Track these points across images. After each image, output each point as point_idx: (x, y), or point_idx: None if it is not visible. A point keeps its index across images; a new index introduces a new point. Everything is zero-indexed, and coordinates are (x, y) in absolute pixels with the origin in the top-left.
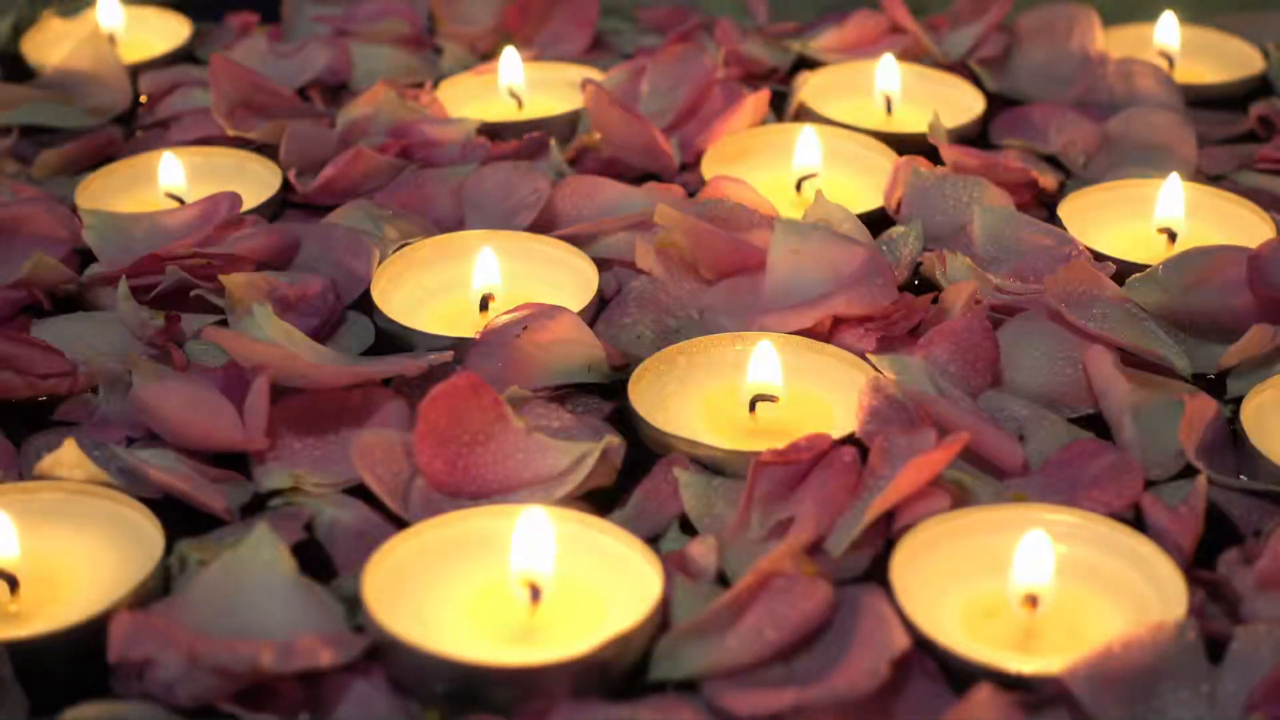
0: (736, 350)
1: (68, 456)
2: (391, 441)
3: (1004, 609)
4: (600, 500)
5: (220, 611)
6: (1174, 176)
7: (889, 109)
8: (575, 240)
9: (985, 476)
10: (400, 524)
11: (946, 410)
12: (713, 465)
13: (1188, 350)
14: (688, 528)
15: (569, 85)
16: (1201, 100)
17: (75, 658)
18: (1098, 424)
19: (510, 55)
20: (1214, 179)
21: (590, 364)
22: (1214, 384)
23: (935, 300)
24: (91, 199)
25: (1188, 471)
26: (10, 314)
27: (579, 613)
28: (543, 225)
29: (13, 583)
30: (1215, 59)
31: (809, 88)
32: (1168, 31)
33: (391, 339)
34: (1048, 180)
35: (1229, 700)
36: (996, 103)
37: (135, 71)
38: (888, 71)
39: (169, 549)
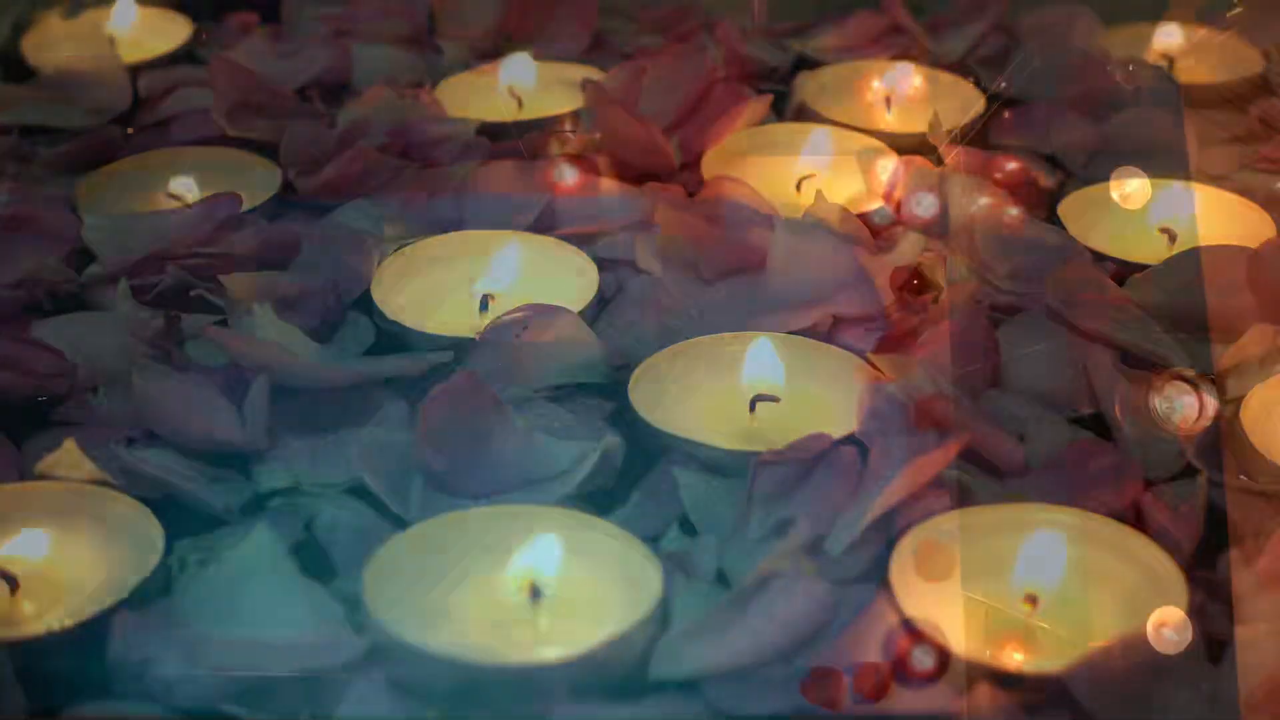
0: (736, 350)
1: (68, 456)
2: (391, 441)
3: (1004, 609)
4: (600, 500)
5: (220, 611)
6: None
7: (889, 109)
8: (575, 240)
9: (985, 476)
10: (400, 524)
11: (946, 410)
12: (713, 465)
13: (1188, 350)
14: (688, 528)
15: (569, 85)
16: (1201, 100)
17: (75, 658)
18: (1098, 424)
19: (518, 58)
20: (1214, 179)
21: (590, 364)
22: (1214, 384)
23: (935, 300)
24: (91, 199)
25: (1188, 471)
26: (10, 314)
27: (579, 613)
28: (543, 225)
29: (13, 583)
30: (1215, 59)
31: (809, 88)
32: (1168, 33)
33: (391, 339)
34: (1048, 180)
35: (1229, 700)
36: (996, 103)
37: (135, 71)
38: (901, 77)
39: (169, 549)
